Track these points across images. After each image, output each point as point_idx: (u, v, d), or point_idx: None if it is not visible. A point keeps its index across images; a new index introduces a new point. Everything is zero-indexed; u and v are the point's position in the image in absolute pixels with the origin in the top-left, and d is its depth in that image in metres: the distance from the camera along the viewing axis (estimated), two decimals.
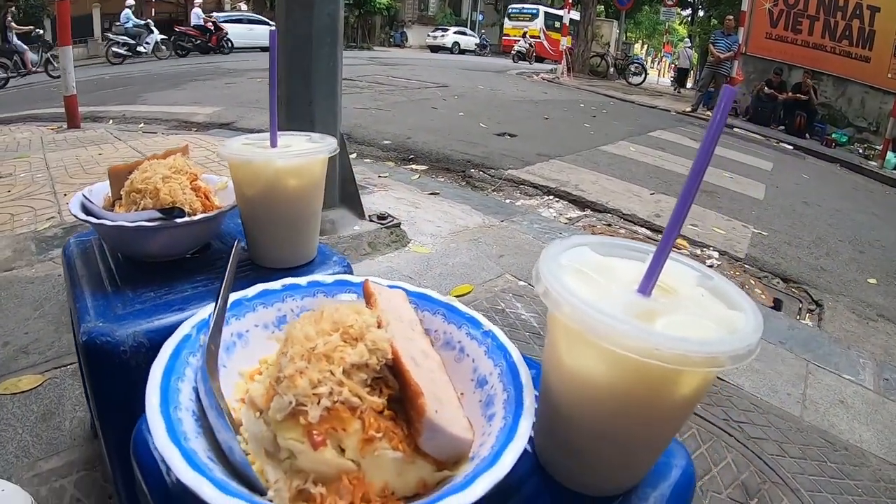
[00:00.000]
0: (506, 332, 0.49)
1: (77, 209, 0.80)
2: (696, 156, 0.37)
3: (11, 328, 1.45)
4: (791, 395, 1.45)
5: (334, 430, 0.36)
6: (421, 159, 3.74)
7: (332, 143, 0.81)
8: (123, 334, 0.67)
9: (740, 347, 0.34)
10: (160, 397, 0.39)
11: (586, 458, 0.44)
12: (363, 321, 0.40)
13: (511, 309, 1.75)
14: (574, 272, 0.41)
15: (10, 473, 1.01)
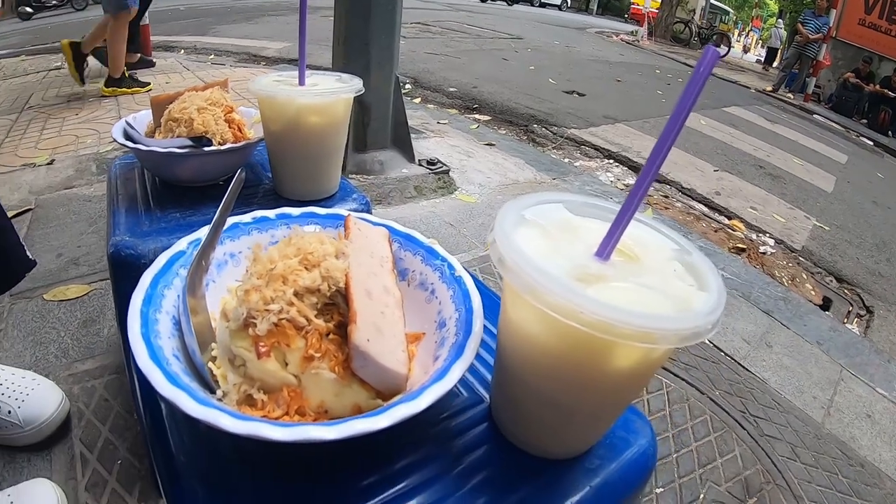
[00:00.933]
0: None
1: (118, 134, 0.86)
2: (669, 119, 0.35)
3: (66, 241, 1.57)
4: (816, 399, 1.39)
5: (279, 345, 0.39)
6: (484, 109, 3.70)
7: (357, 84, 0.83)
8: (146, 248, 0.72)
9: (682, 328, 0.32)
10: (143, 298, 0.43)
11: (530, 418, 0.44)
12: (323, 250, 0.42)
13: None
14: (534, 227, 0.41)
15: (49, 371, 1.12)
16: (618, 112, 4.16)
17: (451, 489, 0.44)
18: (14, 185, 1.85)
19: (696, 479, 1.07)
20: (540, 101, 4.10)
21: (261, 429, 0.34)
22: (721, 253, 2.00)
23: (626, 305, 0.32)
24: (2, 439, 0.93)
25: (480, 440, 0.48)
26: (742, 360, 1.43)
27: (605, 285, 0.36)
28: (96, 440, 0.98)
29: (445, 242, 1.80)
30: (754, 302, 1.69)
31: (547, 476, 0.46)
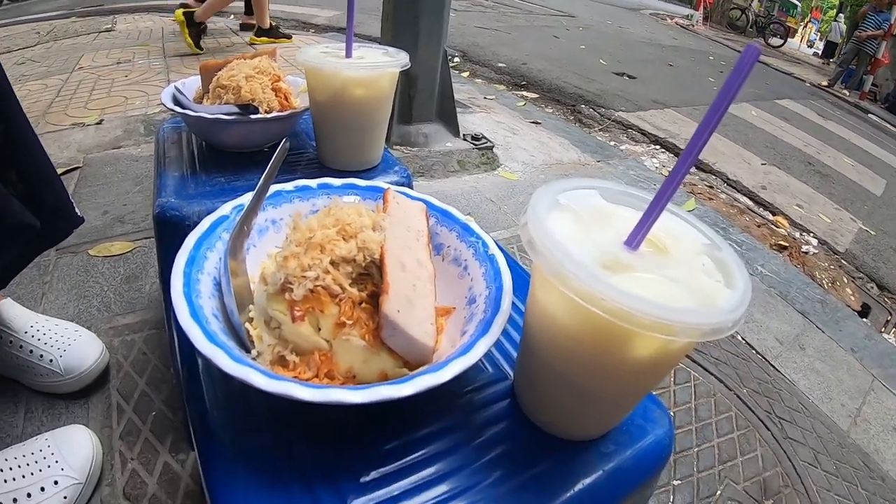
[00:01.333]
0: None
1: (167, 99, 0.88)
2: (703, 119, 0.34)
3: (112, 199, 1.63)
4: (844, 407, 1.36)
5: (313, 310, 0.41)
6: (532, 87, 3.65)
7: (403, 59, 0.84)
8: (190, 211, 0.75)
9: (701, 322, 0.32)
10: (187, 259, 0.45)
11: (550, 398, 0.45)
12: (361, 222, 0.44)
13: None
14: (567, 212, 0.41)
15: (91, 323, 1.16)
16: (667, 97, 4.05)
17: (470, 459, 0.45)
18: (63, 144, 1.91)
19: (715, 475, 1.06)
20: (589, 81, 4.02)
21: (291, 388, 0.35)
22: (762, 249, 1.95)
23: (649, 296, 0.32)
24: (43, 386, 0.98)
25: (501, 415, 0.49)
26: (773, 359, 1.40)
27: (631, 275, 0.36)
28: (133, 391, 1.02)
29: (485, 218, 1.80)
30: (791, 302, 1.65)
31: (562, 455, 0.47)
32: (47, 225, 0.82)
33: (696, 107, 4.00)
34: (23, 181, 0.79)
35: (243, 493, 0.41)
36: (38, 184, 0.82)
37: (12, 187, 0.78)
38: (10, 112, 0.75)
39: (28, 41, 3.40)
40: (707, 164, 2.83)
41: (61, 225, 0.89)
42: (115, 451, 0.92)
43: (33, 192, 0.80)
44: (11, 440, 0.91)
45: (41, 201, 0.81)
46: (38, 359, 0.96)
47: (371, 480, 0.42)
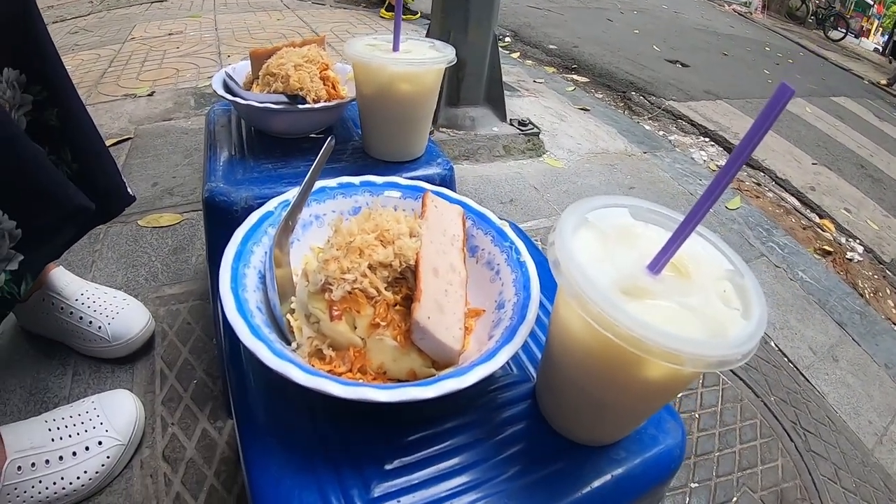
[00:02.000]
0: None
1: (218, 85, 0.92)
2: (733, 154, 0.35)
3: (162, 171, 1.69)
4: (872, 425, 1.33)
5: (350, 310, 0.44)
6: (583, 71, 3.59)
7: (449, 54, 0.85)
8: (238, 196, 0.79)
9: (709, 354, 0.33)
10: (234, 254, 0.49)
11: (567, 405, 0.48)
12: (398, 229, 0.46)
13: None
14: (594, 231, 0.43)
15: (138, 292, 1.23)
16: (720, 88, 3.93)
17: (488, 455, 0.48)
18: (115, 114, 1.99)
19: (733, 481, 1.07)
20: (641, 67, 3.93)
21: (325, 385, 0.39)
22: (805, 253, 1.90)
23: (662, 324, 0.34)
24: (91, 351, 1.04)
25: (521, 416, 0.52)
26: (804, 369, 1.38)
27: (647, 302, 0.38)
28: (176, 359, 1.08)
29: (527, 206, 1.81)
30: (829, 311, 1.61)
31: (575, 459, 0.49)
32: (100, 203, 0.86)
33: (748, 100, 3.87)
34: (77, 161, 0.83)
35: (277, 469, 0.44)
36: (92, 163, 0.85)
37: (66, 166, 0.83)
38: (65, 94, 0.79)
39: (81, 10, 3.50)
40: (756, 160, 2.76)
41: (113, 203, 0.93)
42: (156, 415, 0.98)
43: (87, 172, 0.84)
44: (59, 401, 0.98)
45: (94, 180, 0.85)
46: (87, 325, 1.02)
47: (394, 468, 0.46)
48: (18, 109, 0.73)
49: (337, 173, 0.87)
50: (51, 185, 0.69)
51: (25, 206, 0.67)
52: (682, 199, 2.03)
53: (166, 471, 0.91)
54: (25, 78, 0.73)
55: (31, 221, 0.69)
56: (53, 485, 0.80)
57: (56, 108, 0.78)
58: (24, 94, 0.74)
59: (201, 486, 0.90)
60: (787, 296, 1.61)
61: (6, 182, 0.64)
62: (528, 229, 1.68)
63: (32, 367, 1.03)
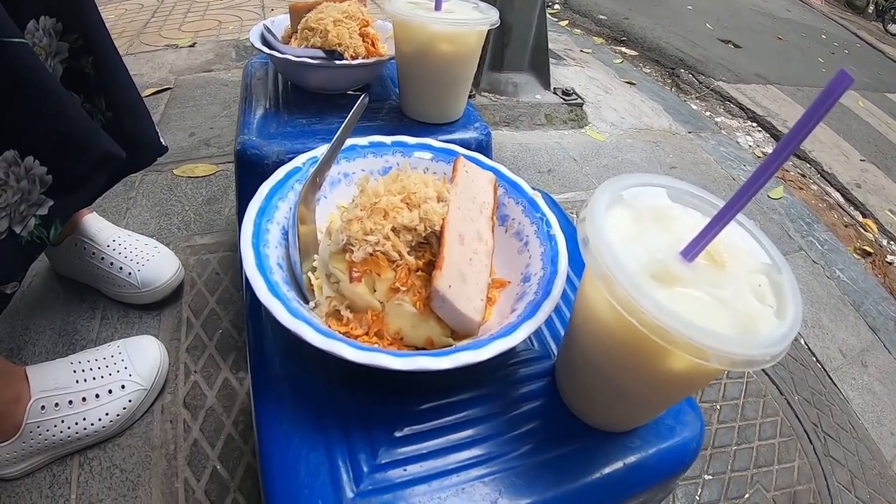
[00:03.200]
0: None
1: (256, 38, 0.91)
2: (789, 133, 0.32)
3: (200, 122, 1.69)
4: (894, 436, 1.27)
5: (370, 273, 0.43)
6: (632, 44, 3.48)
7: (493, 16, 0.82)
8: (270, 150, 0.78)
9: (736, 352, 0.31)
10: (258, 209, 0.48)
11: (585, 388, 0.46)
12: (425, 193, 0.45)
13: None
14: (628, 209, 0.41)
15: (170, 240, 1.24)
16: (771, 72, 3.75)
17: (502, 430, 0.47)
18: (156, 64, 2.00)
19: (748, 477, 1.05)
20: (692, 45, 3.78)
21: (339, 348, 0.38)
22: (844, 252, 1.82)
23: (690, 315, 0.32)
24: (120, 297, 1.06)
25: (538, 394, 0.51)
26: (832, 371, 1.33)
27: (677, 289, 0.36)
28: (203, 308, 1.10)
29: (565, 177, 1.77)
30: (863, 314, 1.55)
31: (588, 442, 0.48)
32: (132, 152, 0.86)
33: (800, 87, 3.69)
34: (111, 109, 0.83)
35: (287, 427, 0.45)
36: (126, 112, 0.85)
37: (101, 115, 0.83)
38: (100, 42, 0.78)
39: None
40: (804, 151, 2.64)
41: (146, 153, 0.93)
42: (180, 362, 1.00)
43: (120, 121, 0.84)
44: (87, 343, 1.01)
45: (128, 129, 0.86)
46: (117, 271, 1.04)
47: (403, 436, 0.45)
48: (54, 57, 0.74)
49: (371, 132, 0.85)
50: (82, 133, 0.69)
51: (56, 152, 0.68)
52: (723, 183, 1.96)
53: (186, 417, 0.93)
54: (62, 26, 0.73)
55: (62, 168, 0.69)
56: (75, 424, 0.83)
57: (91, 57, 0.78)
58: (60, 41, 0.74)
59: (219, 434, 0.92)
60: (822, 294, 1.56)
61: (38, 128, 0.64)
62: (563, 201, 1.65)
63: (63, 310, 1.06)
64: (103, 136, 0.73)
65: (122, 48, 2.08)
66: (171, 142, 1.56)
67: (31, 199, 0.68)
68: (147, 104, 1.69)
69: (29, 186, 0.67)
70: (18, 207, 0.67)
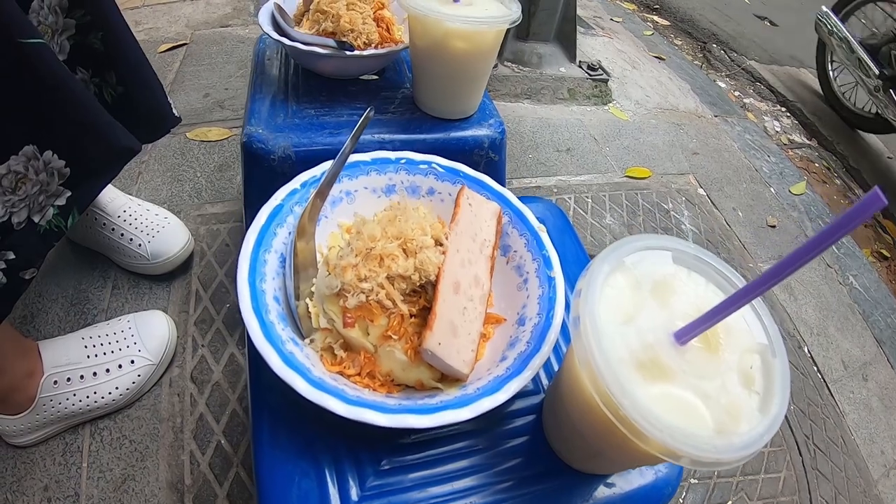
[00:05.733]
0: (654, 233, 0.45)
1: (265, 20, 0.87)
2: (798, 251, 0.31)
3: (214, 82, 1.65)
4: (884, 455, 1.28)
5: (363, 318, 0.43)
6: (665, 13, 3.32)
7: (513, 13, 0.78)
8: (276, 145, 0.77)
9: (705, 457, 0.33)
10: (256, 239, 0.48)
11: (565, 436, 0.48)
12: (422, 241, 0.44)
13: (676, 213, 1.63)
14: (628, 277, 0.40)
15: (181, 208, 1.24)
16: (807, 55, 3.56)
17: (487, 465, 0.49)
18: (173, 17, 1.94)
19: (732, 485, 1.07)
20: (727, 19, 3.60)
21: (328, 401, 0.39)
22: (860, 257, 1.78)
23: (669, 414, 0.33)
24: (130, 267, 1.08)
25: (525, 430, 0.52)
26: (832, 383, 1.33)
27: (661, 385, 0.36)
28: (212, 281, 1.12)
29: (583, 158, 1.74)
30: (871, 325, 1.53)
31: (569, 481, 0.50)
32: (146, 124, 0.86)
33: None
34: (122, 84, 0.82)
35: (282, 453, 0.46)
36: (137, 85, 0.84)
37: (111, 88, 0.82)
38: (109, 16, 0.76)
39: None
40: (832, 142, 2.55)
41: (159, 125, 0.92)
42: (188, 335, 1.03)
43: (132, 94, 0.84)
44: (98, 313, 1.03)
45: (140, 102, 0.85)
46: (127, 242, 1.05)
47: (391, 468, 0.47)
48: (61, 34, 0.73)
49: (382, 126, 0.85)
50: (100, 127, 0.70)
51: (75, 146, 0.69)
52: (744, 173, 1.91)
53: (193, 391, 0.96)
54: (67, 2, 0.71)
55: (80, 161, 0.70)
56: (87, 398, 0.86)
57: (100, 32, 0.76)
58: (66, 18, 0.72)
59: (224, 409, 0.95)
60: (832, 300, 1.54)
61: (57, 124, 0.65)
62: (580, 184, 1.62)
63: (74, 278, 1.08)
64: (119, 129, 0.74)
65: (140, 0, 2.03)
66: (184, 102, 1.56)
67: (49, 191, 0.69)
68: (162, 61, 1.71)
69: (48, 179, 0.68)
70: (37, 198, 0.68)
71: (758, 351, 0.39)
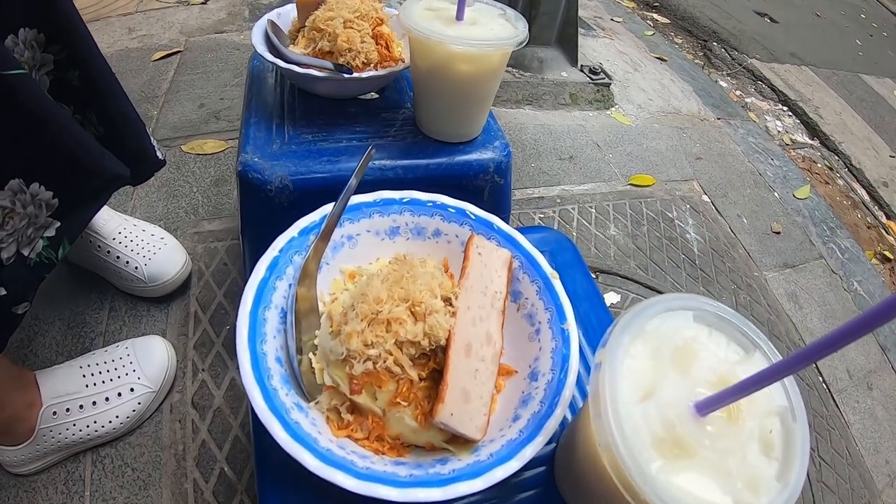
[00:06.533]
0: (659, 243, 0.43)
1: (259, 39, 0.84)
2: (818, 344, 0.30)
3: (209, 91, 1.62)
4: (889, 465, 1.27)
5: (371, 385, 0.42)
6: (665, 11, 3.29)
7: (520, 33, 0.73)
8: (273, 175, 0.74)
9: None
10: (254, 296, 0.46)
11: (576, 492, 0.47)
12: (432, 305, 0.43)
13: (680, 222, 1.60)
14: (649, 345, 0.39)
15: (177, 226, 1.22)
16: (807, 52, 3.55)
17: None
18: (167, 24, 1.91)
19: None
20: (727, 16, 3.57)
21: (337, 476, 0.37)
22: (865, 262, 1.76)
23: (688, 498, 0.33)
24: (128, 289, 1.06)
25: (537, 482, 0.51)
26: (837, 393, 1.32)
27: (681, 463, 0.35)
28: (210, 302, 1.10)
29: (586, 166, 1.72)
30: (876, 332, 1.50)
31: None
32: (129, 167, 0.83)
33: (835, 70, 3.49)
34: (103, 124, 0.80)
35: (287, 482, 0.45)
36: (119, 128, 0.82)
37: (93, 128, 0.80)
38: (85, 55, 0.74)
39: None
40: (833, 141, 2.54)
41: (143, 168, 0.90)
42: (188, 359, 1.01)
43: (114, 135, 0.81)
44: (95, 336, 1.02)
45: (122, 144, 0.83)
46: (123, 265, 1.03)
47: None
48: (40, 69, 0.70)
49: (382, 151, 0.81)
50: (87, 157, 0.68)
51: (62, 177, 0.67)
52: (748, 178, 1.89)
53: (194, 417, 0.95)
54: (44, 37, 0.69)
55: (68, 191, 0.68)
56: (87, 427, 0.85)
57: (77, 70, 0.74)
58: (44, 53, 0.70)
59: (226, 435, 0.94)
60: (838, 308, 1.53)
61: (42, 156, 0.63)
62: (583, 193, 1.60)
63: (71, 300, 1.06)
64: (107, 158, 0.72)
65: (133, 5, 2.00)
66: (179, 113, 1.53)
67: (38, 223, 0.68)
68: (156, 69, 1.68)
69: (35, 211, 0.67)
70: (26, 231, 0.67)
71: (778, 413, 0.38)
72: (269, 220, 0.81)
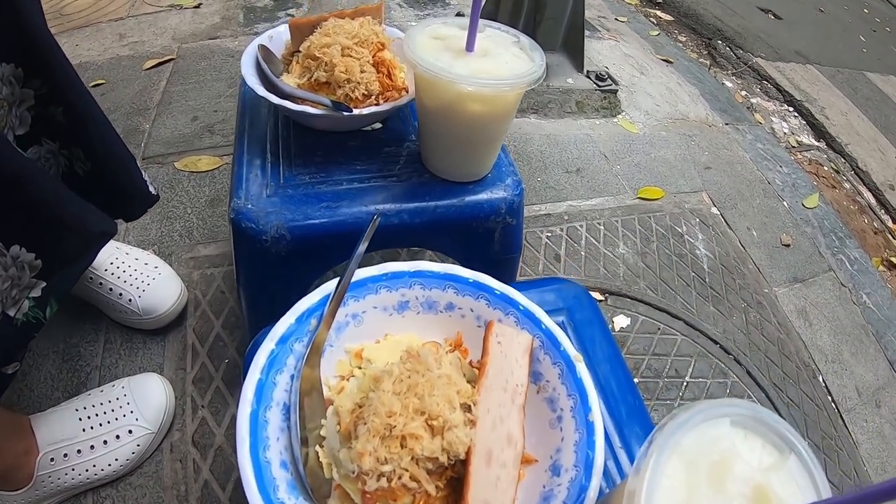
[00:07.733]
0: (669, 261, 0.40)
1: (248, 67, 0.79)
2: None
3: (203, 103, 1.57)
4: None
5: (386, 498, 0.39)
6: (668, 8, 3.23)
7: (536, 68, 0.67)
8: (268, 224, 0.70)
9: None
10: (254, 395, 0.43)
11: None
12: (450, 419, 0.40)
13: (690, 237, 1.57)
14: (683, 459, 0.36)
15: (172, 250, 1.18)
16: (812, 50, 3.49)
17: None
18: (159, 29, 1.85)
19: None
20: (731, 13, 3.51)
21: None
22: (873, 273, 1.73)
23: None
24: (122, 321, 1.03)
25: None
26: (845, 412, 1.31)
27: None
28: (208, 334, 1.07)
29: (594, 178, 1.68)
30: (884, 346, 1.49)
31: None
32: (119, 203, 0.81)
33: (840, 69, 3.43)
34: (90, 159, 0.76)
35: None
36: (107, 163, 0.79)
37: (81, 164, 0.77)
38: (68, 90, 0.70)
39: None
40: (839, 143, 2.50)
41: (135, 205, 0.88)
42: (187, 395, 0.99)
43: (103, 171, 0.78)
44: (91, 369, 0.99)
45: (111, 180, 0.80)
46: (117, 297, 1.00)
47: None
48: (20, 105, 0.67)
49: (386, 193, 0.77)
50: (68, 215, 0.65)
51: (44, 238, 0.64)
52: (758, 187, 1.86)
53: (195, 457, 0.93)
54: (22, 72, 0.65)
55: (51, 252, 0.66)
56: (85, 471, 0.83)
57: (59, 106, 0.70)
58: (23, 89, 0.66)
59: (229, 475, 0.92)
60: (847, 323, 1.50)
61: (21, 218, 0.60)
62: (591, 209, 1.56)
63: (65, 331, 1.04)
64: (92, 213, 0.68)
65: (124, 10, 1.94)
66: (172, 127, 1.49)
67: (21, 284, 0.65)
68: (148, 79, 1.62)
69: (18, 273, 0.64)
70: (10, 293, 0.64)
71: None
72: (265, 272, 0.77)
